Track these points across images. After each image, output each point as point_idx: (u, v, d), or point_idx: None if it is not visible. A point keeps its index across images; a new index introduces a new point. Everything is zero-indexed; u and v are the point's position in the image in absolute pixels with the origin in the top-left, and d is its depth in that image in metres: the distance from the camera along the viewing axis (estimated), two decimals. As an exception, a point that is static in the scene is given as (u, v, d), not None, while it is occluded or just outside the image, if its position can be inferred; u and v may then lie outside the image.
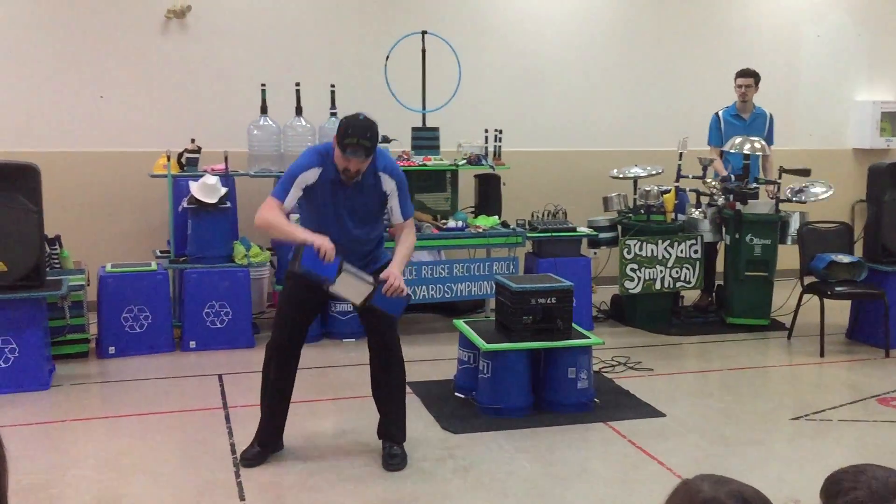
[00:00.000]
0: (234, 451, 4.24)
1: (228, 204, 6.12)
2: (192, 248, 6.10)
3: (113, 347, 5.84)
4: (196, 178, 6.11)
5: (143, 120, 7.00)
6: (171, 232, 6.26)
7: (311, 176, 3.88)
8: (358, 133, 3.72)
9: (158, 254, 6.43)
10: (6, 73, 6.71)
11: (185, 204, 6.03)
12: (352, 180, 3.85)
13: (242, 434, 4.45)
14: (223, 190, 6.06)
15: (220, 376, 5.46)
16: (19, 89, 6.74)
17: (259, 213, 3.91)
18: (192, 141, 6.42)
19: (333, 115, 6.61)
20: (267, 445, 4.13)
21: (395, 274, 3.82)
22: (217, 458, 4.17)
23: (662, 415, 4.82)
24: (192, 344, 6.00)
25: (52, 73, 6.80)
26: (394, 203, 3.99)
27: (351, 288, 3.80)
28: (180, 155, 6.36)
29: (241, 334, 6.09)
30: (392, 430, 4.13)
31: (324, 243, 3.70)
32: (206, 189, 5.99)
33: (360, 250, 4.01)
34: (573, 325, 5.00)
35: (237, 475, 3.97)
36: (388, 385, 4.12)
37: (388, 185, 3.96)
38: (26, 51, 6.74)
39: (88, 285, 5.93)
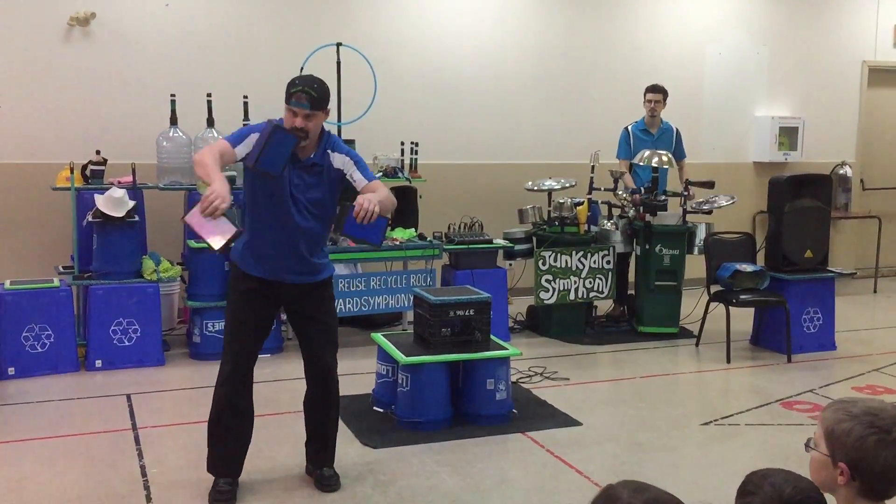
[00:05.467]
0: (144, 474, 4.09)
1: (136, 217, 5.93)
2: (97, 263, 5.88)
3: (13, 368, 5.57)
4: (101, 190, 5.91)
5: (44, 131, 6.72)
6: (75, 247, 6.02)
7: None
8: (304, 82, 3.60)
9: (61, 270, 6.17)
10: None
11: (90, 218, 5.81)
12: (302, 141, 3.61)
13: (153, 455, 4.31)
14: (130, 203, 5.86)
15: (128, 396, 5.27)
16: None
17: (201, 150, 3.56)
18: (98, 153, 6.19)
19: (246, 126, 6.48)
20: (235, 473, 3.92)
21: (367, 197, 3.48)
22: (128, 481, 4.01)
23: (579, 423, 4.89)
24: (98, 363, 5.77)
25: (-56, 81, 6.47)
26: (354, 174, 3.75)
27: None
28: (84, 167, 6.13)
29: (150, 352, 5.90)
30: (327, 452, 4.04)
31: (214, 192, 3.24)
32: (113, 202, 5.79)
33: (303, 246, 3.75)
34: (491, 336, 5.04)
35: (148, 498, 3.83)
36: (327, 407, 4.00)
37: (339, 160, 3.76)
38: (-84, 57, 6.40)
39: (-15, 304, 5.64)
